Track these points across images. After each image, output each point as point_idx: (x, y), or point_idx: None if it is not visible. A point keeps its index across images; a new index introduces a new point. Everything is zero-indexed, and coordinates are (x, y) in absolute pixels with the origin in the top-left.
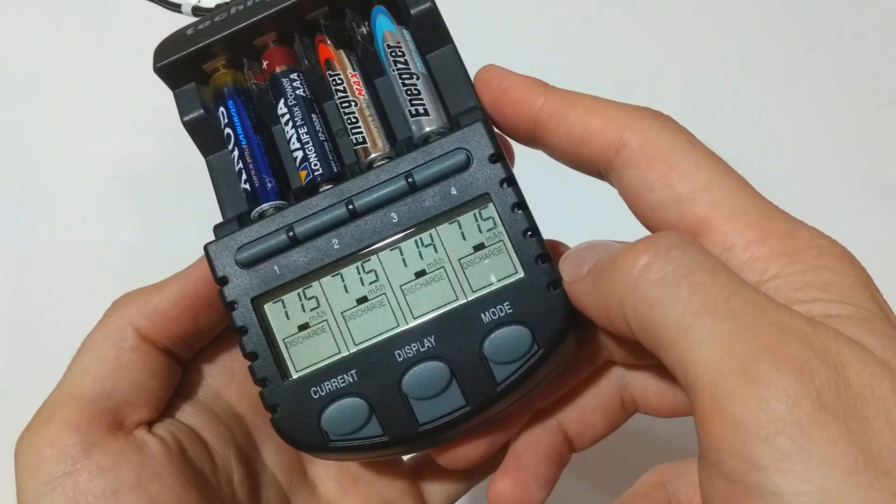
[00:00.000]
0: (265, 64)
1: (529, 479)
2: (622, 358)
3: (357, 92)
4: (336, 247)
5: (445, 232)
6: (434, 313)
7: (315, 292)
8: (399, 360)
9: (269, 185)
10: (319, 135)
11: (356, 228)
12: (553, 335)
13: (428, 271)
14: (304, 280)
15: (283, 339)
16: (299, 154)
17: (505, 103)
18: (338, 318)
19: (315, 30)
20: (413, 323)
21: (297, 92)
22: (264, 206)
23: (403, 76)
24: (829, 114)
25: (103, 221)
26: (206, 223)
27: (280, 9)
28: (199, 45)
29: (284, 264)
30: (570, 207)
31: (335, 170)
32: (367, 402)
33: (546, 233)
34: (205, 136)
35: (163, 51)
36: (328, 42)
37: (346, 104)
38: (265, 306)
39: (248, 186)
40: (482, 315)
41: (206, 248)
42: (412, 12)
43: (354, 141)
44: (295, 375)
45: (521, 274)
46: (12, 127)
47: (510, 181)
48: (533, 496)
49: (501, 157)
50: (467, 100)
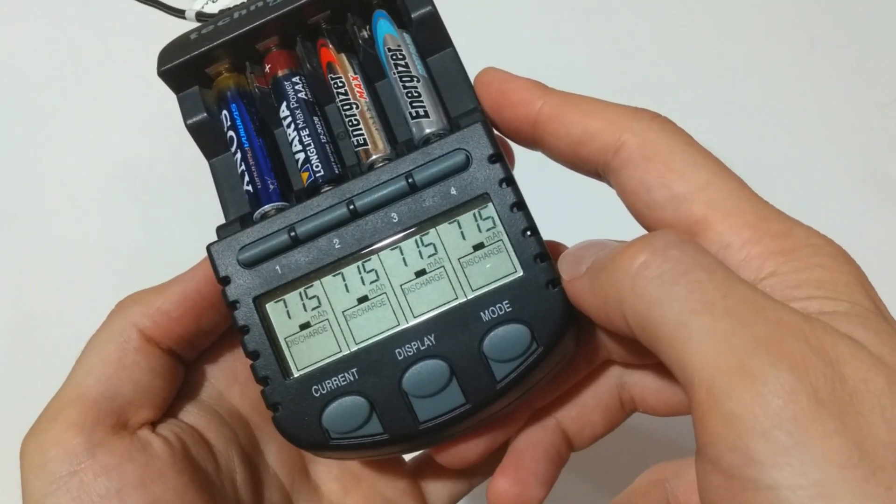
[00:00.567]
0: (267, 67)
1: (529, 478)
2: (620, 357)
3: (358, 94)
4: (337, 246)
5: (445, 231)
6: (434, 312)
7: (316, 292)
8: (399, 358)
9: (272, 187)
10: (321, 137)
11: (357, 228)
12: (552, 333)
13: (428, 270)
14: (305, 279)
15: (285, 338)
16: (301, 156)
17: (505, 105)
18: (339, 317)
19: (317, 34)
20: (413, 322)
21: (299, 95)
22: (266, 208)
23: (404, 79)
24: (829, 114)
25: (106, 222)
26: (207, 224)
27: (282, 13)
28: (203, 49)
29: (286, 264)
30: (568, 207)
31: (336, 171)
32: (368, 400)
33: (545, 233)
34: (208, 139)
35: (167, 55)
36: (330, 46)
37: (348, 107)
38: (267, 306)
39: (250, 188)
40: (482, 314)
41: (208, 248)
42: (413, 16)
43: (356, 143)
44: (296, 374)
45: (520, 273)
46: (16, 128)
47: (509, 181)
48: (532, 495)
49: (500, 157)
50: (467, 102)
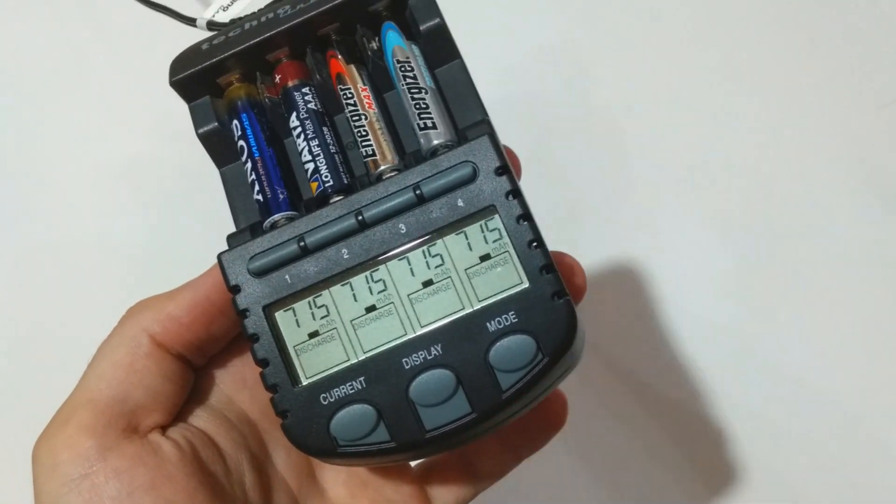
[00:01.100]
0: (278, 78)
1: None
2: None
3: (367, 106)
4: (346, 256)
5: (452, 242)
6: (441, 322)
7: (325, 301)
8: (406, 367)
9: (281, 197)
10: (330, 147)
11: (365, 239)
12: (557, 344)
13: (435, 281)
14: (314, 289)
15: (294, 347)
16: (310, 166)
17: None
18: (347, 326)
19: (327, 45)
20: (420, 331)
21: (309, 105)
22: (276, 217)
23: (412, 90)
24: (829, 114)
25: (110, 225)
26: (212, 227)
27: (293, 25)
28: (214, 59)
29: (295, 273)
30: (574, 219)
31: (345, 181)
32: (375, 408)
33: (549, 243)
34: (219, 148)
35: (178, 65)
36: (339, 57)
37: (357, 117)
38: (276, 314)
39: (260, 197)
40: (488, 324)
41: (219, 257)
42: (421, 28)
43: (364, 153)
44: (305, 382)
45: (525, 284)
46: (18, 128)
47: (516, 193)
48: None
49: (507, 169)
50: (474, 113)
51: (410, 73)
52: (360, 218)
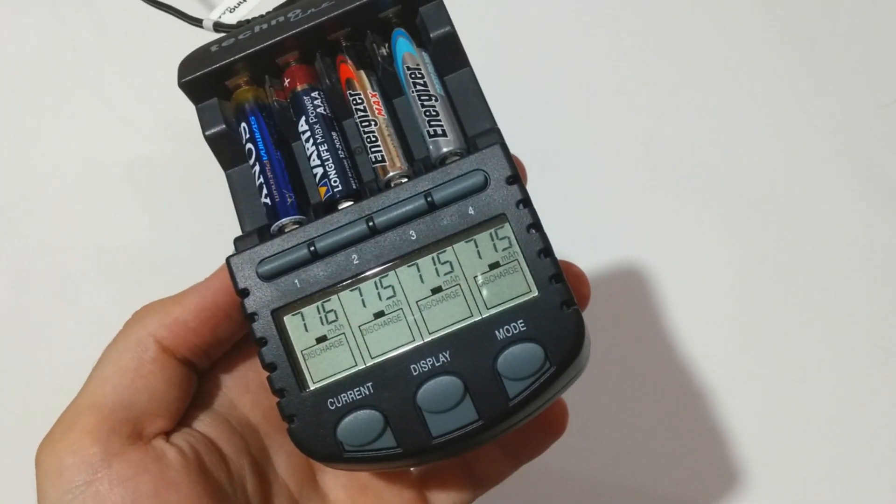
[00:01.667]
0: (287, 82)
1: None
2: None
3: (376, 111)
4: (355, 262)
5: (462, 250)
6: (449, 329)
7: (333, 306)
8: (414, 374)
9: (289, 200)
10: (339, 152)
11: (375, 245)
12: (565, 353)
13: (444, 288)
14: (323, 294)
15: (302, 351)
16: (319, 170)
17: None
18: (355, 331)
19: (336, 50)
20: (429, 338)
21: (318, 110)
22: (284, 221)
23: (422, 97)
24: (829, 114)
25: (111, 225)
26: (214, 228)
27: (304, 29)
28: (224, 62)
29: (304, 278)
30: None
31: (354, 187)
32: (383, 414)
33: (557, 252)
34: (226, 150)
35: (187, 66)
36: (349, 62)
37: (366, 123)
38: (285, 318)
39: (268, 201)
40: (496, 332)
41: (228, 260)
42: (432, 36)
43: (373, 159)
44: (312, 387)
45: (535, 293)
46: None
47: (526, 203)
48: None
49: (518, 179)
50: (483, 121)
51: (420, 81)
52: (370, 224)
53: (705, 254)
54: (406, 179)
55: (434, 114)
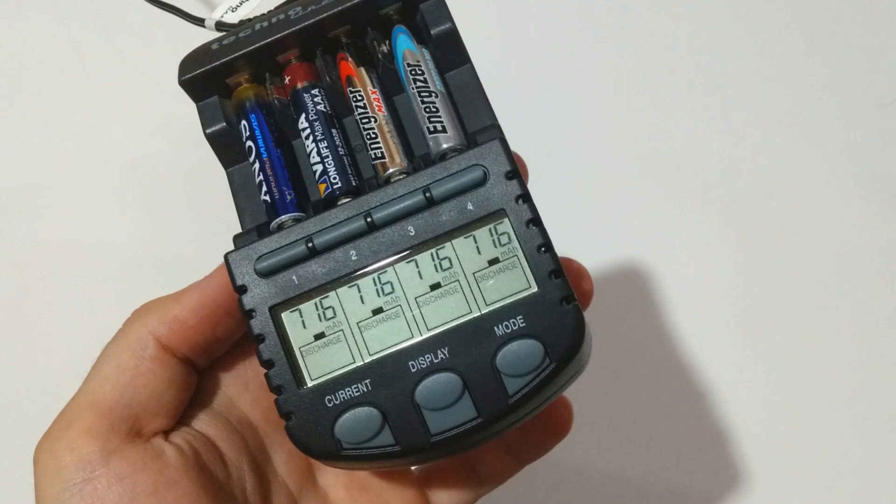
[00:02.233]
0: (287, 79)
1: None
2: None
3: (377, 108)
4: (354, 258)
5: (461, 246)
6: (448, 325)
7: (332, 302)
8: (413, 370)
9: (289, 198)
10: (339, 149)
11: (374, 241)
12: (565, 349)
13: (443, 284)
14: (321, 290)
15: (300, 348)
16: (319, 168)
17: None
18: (353, 328)
19: (337, 47)
20: (427, 334)
21: (318, 107)
22: (283, 218)
23: (422, 94)
24: (829, 114)
25: (111, 224)
26: (214, 227)
27: (303, 27)
28: (224, 59)
29: (302, 274)
30: (581, 223)
31: (354, 183)
32: (381, 411)
33: (557, 248)
34: (226, 148)
35: (188, 64)
36: (349, 59)
37: (366, 120)
38: (283, 315)
39: (268, 198)
40: (495, 328)
41: (226, 257)
42: (432, 32)
43: (373, 156)
44: (310, 384)
45: (534, 289)
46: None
47: (525, 198)
48: None
49: (517, 174)
50: (484, 118)
51: (421, 77)
52: (369, 220)
53: (706, 252)
54: (406, 176)
55: (434, 110)
